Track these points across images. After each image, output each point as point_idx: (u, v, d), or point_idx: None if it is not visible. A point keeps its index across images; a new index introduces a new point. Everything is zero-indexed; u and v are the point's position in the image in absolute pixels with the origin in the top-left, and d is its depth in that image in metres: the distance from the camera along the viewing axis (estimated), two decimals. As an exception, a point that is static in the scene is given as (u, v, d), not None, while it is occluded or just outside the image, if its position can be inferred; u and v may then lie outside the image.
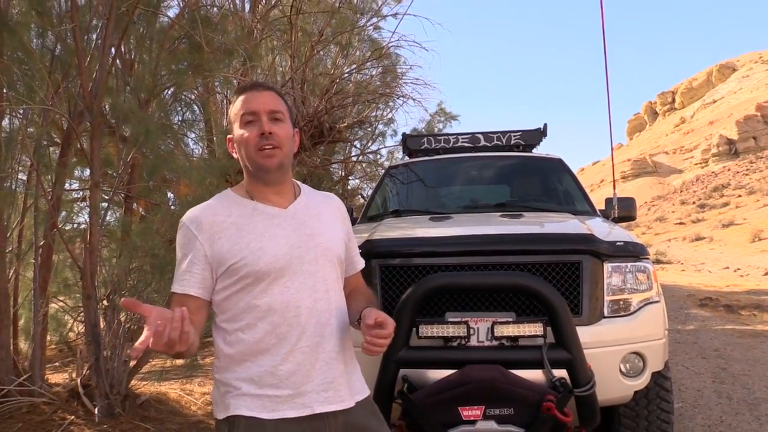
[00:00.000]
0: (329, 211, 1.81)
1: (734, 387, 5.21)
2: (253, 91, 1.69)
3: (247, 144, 1.65)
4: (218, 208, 1.68)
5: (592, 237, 3.00)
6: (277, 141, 1.65)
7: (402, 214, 4.41)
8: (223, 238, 1.62)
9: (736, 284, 14.99)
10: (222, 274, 1.63)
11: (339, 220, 1.83)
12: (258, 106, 1.66)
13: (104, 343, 4.01)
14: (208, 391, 4.98)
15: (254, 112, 1.65)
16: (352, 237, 1.89)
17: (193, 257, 1.62)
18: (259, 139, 1.64)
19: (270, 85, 1.78)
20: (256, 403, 1.59)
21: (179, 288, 1.63)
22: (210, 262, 1.62)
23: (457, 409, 2.56)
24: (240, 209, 1.68)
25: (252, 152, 1.65)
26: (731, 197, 51.54)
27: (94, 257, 3.91)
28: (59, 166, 4.34)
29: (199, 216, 1.66)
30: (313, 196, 1.83)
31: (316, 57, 8.55)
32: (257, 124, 1.65)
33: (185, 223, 1.66)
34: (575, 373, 2.64)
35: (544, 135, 5.52)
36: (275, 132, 1.65)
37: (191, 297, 1.62)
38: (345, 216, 1.88)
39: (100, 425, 3.86)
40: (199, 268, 1.62)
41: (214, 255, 1.61)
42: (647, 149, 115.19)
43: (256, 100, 1.67)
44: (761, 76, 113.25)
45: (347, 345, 1.74)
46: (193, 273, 1.62)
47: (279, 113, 1.68)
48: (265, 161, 1.65)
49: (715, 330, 8.18)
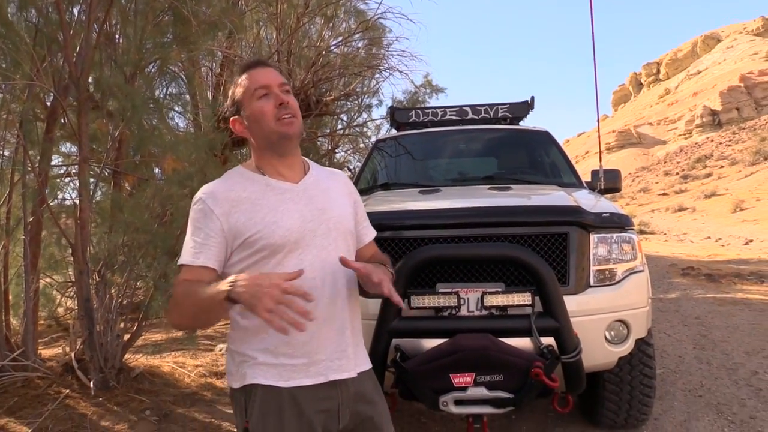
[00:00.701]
0: (337, 187, 1.86)
1: (714, 353, 5.37)
2: (258, 67, 1.75)
3: (265, 116, 1.69)
4: (233, 183, 1.72)
5: (579, 209, 3.06)
6: (294, 110, 1.71)
7: (391, 187, 4.45)
8: (239, 211, 1.66)
9: (717, 254, 15.26)
10: (237, 247, 1.66)
11: (346, 195, 1.87)
12: (269, 80, 1.71)
13: (97, 318, 4.03)
14: (200, 363, 5.04)
15: (266, 85, 1.71)
16: (360, 209, 1.93)
17: (210, 231, 1.65)
18: (278, 109, 1.69)
19: (270, 62, 1.84)
20: (272, 371, 1.65)
21: (196, 260, 1.64)
22: (226, 236, 1.66)
23: (449, 376, 2.63)
24: (253, 185, 1.72)
25: (272, 123, 1.69)
26: (714, 168, 52.07)
27: (85, 233, 3.91)
28: (46, 142, 4.31)
29: (215, 191, 1.69)
30: (321, 171, 1.88)
31: (302, 29, 8.45)
32: (271, 96, 1.70)
33: (202, 198, 1.69)
34: (562, 340, 2.72)
35: (531, 108, 5.55)
36: (290, 102, 1.71)
37: (208, 269, 1.65)
38: (352, 190, 1.93)
39: (96, 398, 3.91)
40: (216, 241, 1.65)
41: (230, 228, 1.65)
42: (632, 120, 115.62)
43: (265, 75, 1.72)
44: (745, 47, 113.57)
45: (357, 316, 1.81)
46: (210, 246, 1.65)
47: (287, 86, 1.73)
48: (287, 128, 1.70)
49: (696, 298, 8.37)
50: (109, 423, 3.66)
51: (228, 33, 6.95)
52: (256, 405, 1.65)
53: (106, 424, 3.64)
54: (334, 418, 1.69)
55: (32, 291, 4.31)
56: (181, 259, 1.68)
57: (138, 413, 3.83)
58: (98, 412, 3.78)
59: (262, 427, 1.64)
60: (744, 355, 5.26)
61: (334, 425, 1.70)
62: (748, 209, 27.69)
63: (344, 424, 1.72)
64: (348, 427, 1.74)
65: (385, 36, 9.56)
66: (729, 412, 3.91)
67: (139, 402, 3.97)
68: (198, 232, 1.67)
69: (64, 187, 5.37)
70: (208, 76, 7.94)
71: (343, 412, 1.70)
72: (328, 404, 1.68)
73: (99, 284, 4.15)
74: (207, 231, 1.66)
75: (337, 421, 1.70)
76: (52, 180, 4.79)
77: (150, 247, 3.99)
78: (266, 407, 1.64)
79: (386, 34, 9.48)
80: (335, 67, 8.84)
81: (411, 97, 11.48)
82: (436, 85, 11.75)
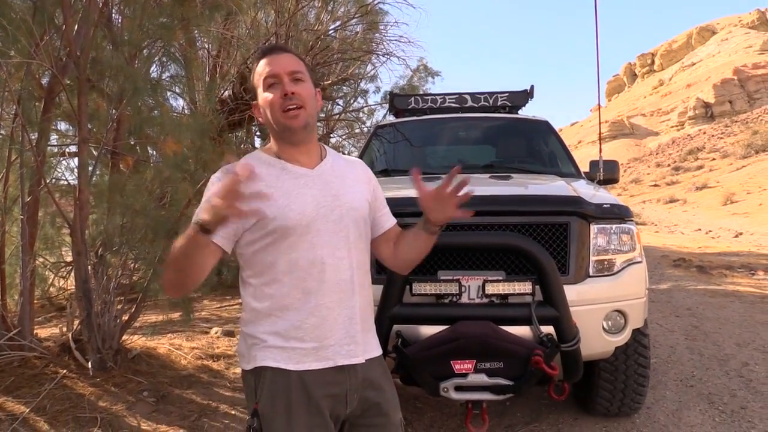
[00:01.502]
0: (353, 174, 1.85)
1: (705, 344, 5.44)
2: (272, 54, 1.72)
3: (271, 106, 1.69)
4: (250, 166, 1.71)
5: (580, 199, 3.08)
6: (301, 101, 1.68)
7: (391, 173, 4.45)
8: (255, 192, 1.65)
9: (708, 246, 15.40)
10: (251, 227, 1.66)
11: (364, 182, 1.86)
12: (278, 69, 1.69)
13: (94, 299, 4.03)
14: (196, 346, 5.06)
15: (275, 74, 1.68)
16: (380, 196, 1.91)
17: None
18: (283, 100, 1.67)
19: (287, 48, 1.80)
20: (282, 355, 1.66)
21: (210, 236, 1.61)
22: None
23: (450, 362, 2.66)
24: (269, 169, 1.71)
25: (277, 114, 1.68)
26: (705, 160, 52.31)
27: (84, 213, 3.90)
28: (44, 121, 4.27)
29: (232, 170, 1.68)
30: (338, 159, 1.87)
31: (300, 12, 8.40)
32: (279, 86, 1.68)
33: (219, 176, 1.67)
34: (562, 329, 2.76)
35: (531, 96, 5.55)
36: (297, 92, 1.68)
37: (213, 243, 1.61)
38: (371, 177, 1.91)
39: (93, 378, 3.92)
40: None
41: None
42: (625, 111, 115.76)
43: (277, 62, 1.70)
44: (739, 39, 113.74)
45: (367, 302, 1.80)
46: (227, 224, 1.63)
47: (299, 73, 1.70)
48: (291, 122, 1.68)
49: (687, 290, 8.46)
50: (106, 403, 3.68)
51: (226, 15, 6.90)
52: (266, 387, 1.67)
53: (104, 405, 3.66)
54: (342, 402, 1.71)
55: (29, 271, 4.30)
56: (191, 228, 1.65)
57: (135, 394, 3.85)
58: (96, 393, 3.79)
59: (270, 409, 1.65)
60: (735, 346, 5.33)
61: (342, 410, 1.71)
62: (739, 202, 27.89)
63: (352, 408, 1.73)
64: (355, 413, 1.75)
65: (383, 21, 9.52)
66: (720, 403, 3.97)
67: (137, 383, 3.98)
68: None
69: (58, 167, 5.35)
70: (206, 59, 7.89)
71: (351, 397, 1.71)
72: (336, 389, 1.69)
73: (97, 265, 4.14)
74: None
75: (345, 406, 1.71)
76: (48, 159, 4.76)
77: (149, 230, 3.98)
78: (275, 390, 1.65)
79: (385, 18, 9.45)
80: (333, 51, 8.81)
81: (408, 82, 11.47)
82: (431, 69, 11.75)
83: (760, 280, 9.17)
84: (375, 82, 10.91)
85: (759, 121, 69.40)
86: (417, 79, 11.73)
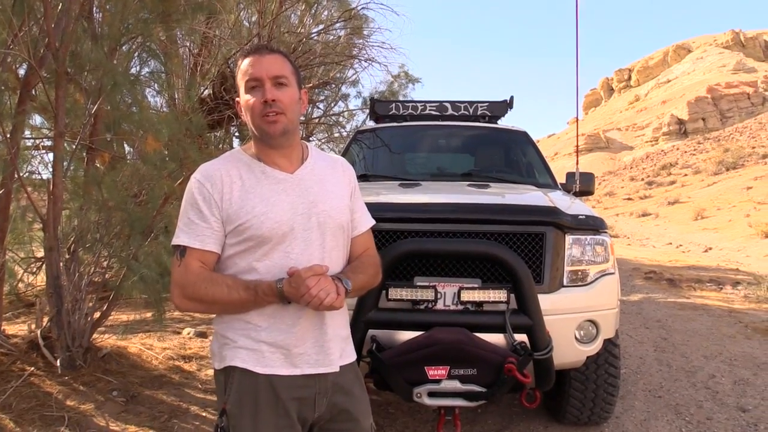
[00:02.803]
0: (334, 176, 1.83)
1: (674, 356, 5.54)
2: (257, 54, 1.68)
3: (251, 110, 1.67)
4: (230, 167, 1.71)
5: (557, 210, 3.13)
6: (281, 107, 1.66)
7: (370, 179, 4.45)
8: (233, 198, 1.66)
9: (678, 260, 15.66)
10: (228, 233, 1.67)
11: (344, 185, 1.85)
12: (261, 72, 1.65)
13: (65, 296, 3.97)
14: (168, 346, 5.00)
15: (257, 78, 1.66)
16: (357, 199, 1.90)
17: (209, 213, 1.66)
18: (263, 106, 1.65)
19: (275, 48, 1.76)
20: (251, 356, 1.66)
21: (198, 244, 1.66)
22: (223, 221, 1.66)
23: (424, 368, 2.67)
24: (249, 171, 1.71)
25: (256, 118, 1.67)
26: (678, 176, 53.18)
27: (57, 208, 3.84)
28: (19, 114, 4.20)
29: (213, 174, 1.68)
30: (320, 159, 1.84)
31: (283, 14, 8.38)
32: (261, 90, 1.66)
33: (200, 180, 1.68)
34: (535, 337, 2.79)
35: (510, 107, 5.61)
36: (279, 98, 1.65)
37: (212, 253, 1.67)
38: (351, 178, 1.89)
39: (62, 377, 3.86)
40: (217, 224, 1.66)
41: (225, 212, 1.66)
42: (601, 125, 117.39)
43: (260, 65, 1.66)
44: (714, 59, 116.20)
45: (341, 310, 1.78)
46: (213, 229, 1.66)
47: (283, 78, 1.67)
48: (269, 128, 1.67)
49: (657, 302, 8.60)
50: (75, 402, 3.62)
51: (208, 13, 6.85)
52: (234, 387, 1.67)
53: (71, 404, 3.60)
54: (310, 406, 1.70)
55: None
56: (187, 241, 1.67)
57: (105, 394, 3.79)
58: (64, 391, 3.73)
59: (238, 409, 1.66)
60: (702, 358, 5.44)
61: (309, 413, 1.71)
62: (709, 218, 28.41)
63: (320, 413, 1.73)
64: (324, 417, 1.75)
65: (366, 26, 9.55)
66: (687, 413, 4.04)
67: (106, 383, 3.93)
68: (200, 215, 1.67)
69: (32, 160, 5.25)
70: (186, 57, 7.82)
71: (320, 401, 1.71)
72: (304, 392, 1.69)
73: (69, 261, 4.07)
74: (207, 214, 1.66)
75: (312, 410, 1.71)
76: (22, 153, 4.67)
77: (125, 226, 3.93)
78: (243, 390, 1.66)
79: (368, 24, 9.48)
80: (315, 54, 8.81)
81: (388, 88, 11.50)
82: (412, 75, 11.81)
83: (727, 294, 9.36)
84: (356, 87, 10.92)
85: (730, 139, 70.90)
86: (397, 85, 11.78)
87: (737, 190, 33.65)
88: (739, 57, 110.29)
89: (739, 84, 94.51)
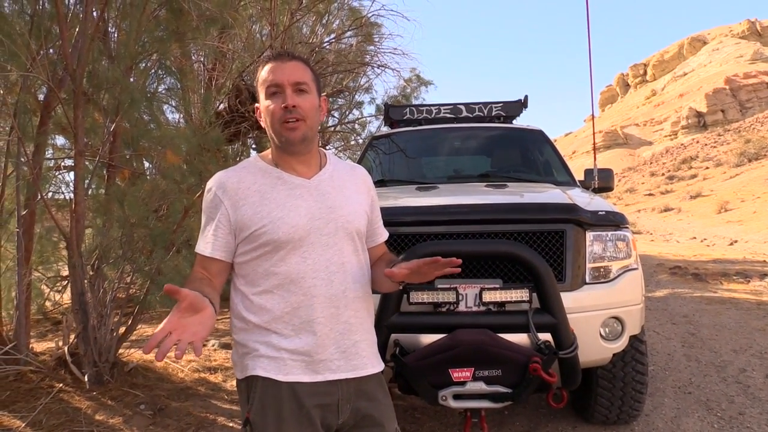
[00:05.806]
0: (354, 183, 1.83)
1: (702, 351, 5.45)
2: (278, 61, 1.69)
3: (272, 116, 1.68)
4: (244, 174, 1.72)
5: (576, 207, 3.10)
6: (301, 114, 1.66)
7: (387, 184, 4.47)
8: (247, 204, 1.67)
9: (703, 254, 15.43)
10: (243, 240, 1.68)
11: (363, 193, 1.85)
12: (282, 78, 1.66)
13: (91, 312, 4.02)
14: (193, 359, 5.03)
15: (278, 84, 1.66)
16: (376, 209, 1.90)
17: (219, 221, 1.68)
18: (284, 111, 1.65)
19: (296, 54, 1.76)
20: (273, 365, 1.66)
21: (205, 251, 1.70)
22: (233, 227, 1.68)
23: (448, 371, 2.66)
24: (265, 177, 1.71)
25: (276, 124, 1.67)
26: (699, 169, 52.56)
27: (80, 226, 3.90)
28: (40, 134, 4.28)
29: (225, 182, 1.70)
30: (339, 167, 1.84)
31: (295, 25, 8.44)
32: (281, 96, 1.66)
33: (212, 188, 1.71)
34: (559, 336, 2.76)
35: (525, 106, 5.59)
36: (299, 104, 1.66)
37: (216, 260, 1.70)
38: (370, 187, 1.89)
39: (90, 392, 3.91)
40: (224, 232, 1.68)
41: (237, 220, 1.67)
42: (618, 121, 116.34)
43: (281, 71, 1.67)
44: (731, 49, 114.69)
45: (363, 316, 1.77)
46: (218, 237, 1.69)
47: (304, 84, 1.68)
48: (289, 134, 1.67)
49: (683, 297, 8.47)
50: (103, 417, 3.66)
51: (221, 28, 6.93)
52: (257, 396, 1.67)
53: (100, 418, 3.64)
54: (334, 412, 1.70)
55: (25, 285, 4.29)
56: (197, 247, 1.73)
57: (132, 407, 3.83)
58: (92, 406, 3.77)
59: (262, 418, 1.65)
60: (732, 352, 5.34)
61: (333, 419, 1.70)
62: (733, 210, 28.01)
63: (344, 419, 1.72)
64: (348, 423, 1.73)
65: (378, 33, 9.58)
66: (718, 409, 3.97)
67: (134, 396, 3.96)
68: (209, 222, 1.70)
69: (53, 180, 5.35)
70: (201, 72, 7.91)
71: (343, 407, 1.70)
72: (327, 399, 1.68)
73: (93, 278, 4.13)
74: (216, 222, 1.69)
75: (336, 416, 1.70)
76: (44, 173, 4.76)
77: (147, 242, 3.98)
78: (266, 399, 1.65)
79: (379, 30, 9.51)
80: (328, 63, 8.85)
81: (401, 92, 11.52)
82: (424, 78, 11.82)
83: (755, 287, 9.19)
84: (370, 94, 10.96)
85: (751, 129, 69.85)
86: (410, 89, 11.79)
87: (761, 180, 33.11)
88: (756, 46, 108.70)
89: (757, 74, 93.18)
